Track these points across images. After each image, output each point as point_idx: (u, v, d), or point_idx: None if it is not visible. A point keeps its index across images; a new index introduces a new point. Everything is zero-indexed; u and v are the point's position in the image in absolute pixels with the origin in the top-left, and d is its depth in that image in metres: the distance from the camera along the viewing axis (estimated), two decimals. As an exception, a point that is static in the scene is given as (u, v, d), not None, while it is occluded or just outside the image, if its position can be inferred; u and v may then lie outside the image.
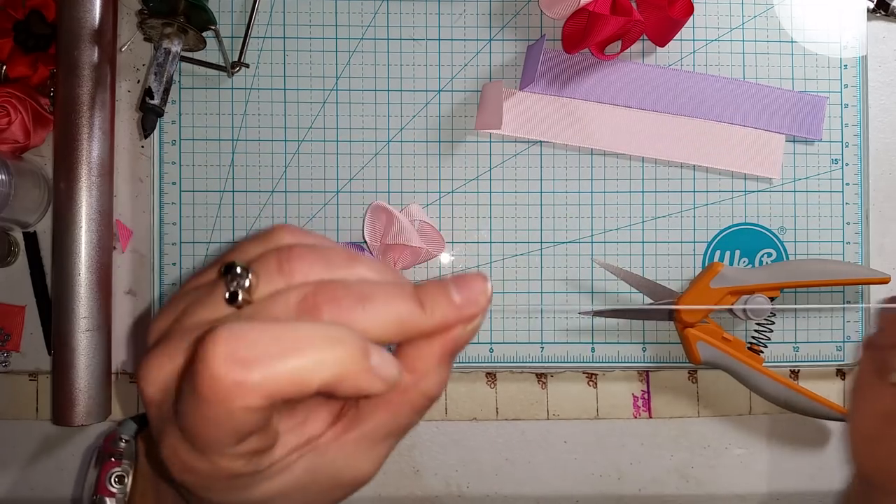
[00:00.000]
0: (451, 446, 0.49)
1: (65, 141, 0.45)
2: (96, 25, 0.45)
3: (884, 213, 0.50)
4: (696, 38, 0.49)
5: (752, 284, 0.45)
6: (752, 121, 0.48)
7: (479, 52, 0.48)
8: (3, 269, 0.48)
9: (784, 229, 0.49)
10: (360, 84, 0.48)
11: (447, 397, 0.49)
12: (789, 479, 0.50)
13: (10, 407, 0.49)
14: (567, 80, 0.48)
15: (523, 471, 0.49)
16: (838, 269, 0.46)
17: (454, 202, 0.48)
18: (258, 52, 0.48)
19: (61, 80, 0.45)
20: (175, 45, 0.44)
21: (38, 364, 0.49)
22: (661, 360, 0.48)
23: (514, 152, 0.48)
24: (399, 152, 0.48)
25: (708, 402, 0.49)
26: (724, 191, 0.49)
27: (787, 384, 0.46)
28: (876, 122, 0.50)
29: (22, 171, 0.45)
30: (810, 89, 0.49)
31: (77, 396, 0.45)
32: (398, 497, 0.49)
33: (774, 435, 0.49)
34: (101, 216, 0.46)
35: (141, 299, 0.49)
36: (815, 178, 0.49)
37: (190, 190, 0.48)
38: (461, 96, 0.48)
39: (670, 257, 0.49)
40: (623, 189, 0.49)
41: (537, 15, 0.49)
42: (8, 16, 0.46)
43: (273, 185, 0.48)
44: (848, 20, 0.49)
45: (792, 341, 0.49)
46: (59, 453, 0.49)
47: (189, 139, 0.48)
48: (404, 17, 0.48)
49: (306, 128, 0.48)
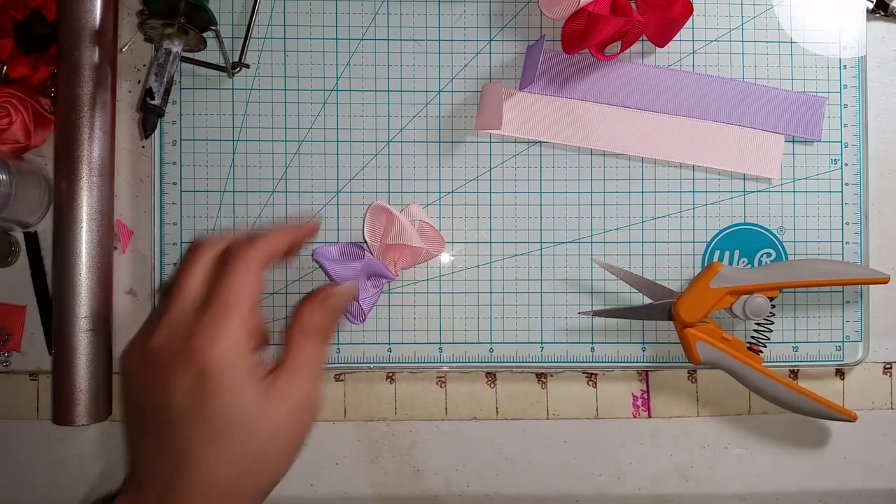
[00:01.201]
0: (451, 446, 0.49)
1: (65, 141, 0.45)
2: (97, 26, 0.45)
3: (883, 214, 0.50)
4: (695, 38, 0.49)
5: (752, 284, 0.45)
6: (751, 121, 0.48)
7: (479, 52, 0.49)
8: (4, 268, 0.48)
9: (783, 229, 0.49)
10: (361, 84, 0.48)
11: (447, 397, 0.49)
12: (789, 479, 0.50)
13: (10, 407, 0.49)
14: (567, 80, 0.48)
15: (523, 470, 0.49)
16: (838, 269, 0.46)
17: (454, 202, 0.48)
18: (258, 53, 0.48)
19: (62, 81, 0.45)
20: (176, 45, 0.44)
21: (39, 364, 0.49)
22: (661, 359, 0.48)
23: (514, 152, 0.48)
24: (399, 152, 0.48)
25: (707, 402, 0.49)
26: (723, 191, 0.49)
27: (787, 384, 0.46)
28: (875, 123, 0.50)
29: (23, 172, 0.45)
30: (810, 89, 0.49)
31: (78, 396, 0.45)
32: (398, 496, 0.49)
33: (774, 435, 0.49)
34: (101, 216, 0.46)
35: (142, 299, 0.49)
36: (815, 179, 0.49)
37: (190, 190, 0.48)
38: (461, 97, 0.49)
39: (670, 257, 0.49)
40: (623, 189, 0.49)
41: (537, 15, 0.49)
42: (8, 16, 0.46)
43: (273, 185, 0.48)
44: (847, 20, 0.49)
45: (791, 341, 0.49)
46: (60, 453, 0.49)
47: (190, 139, 0.48)
48: (404, 17, 0.48)
49: (307, 128, 0.48)
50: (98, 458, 0.49)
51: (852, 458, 0.50)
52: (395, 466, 0.49)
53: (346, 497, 0.49)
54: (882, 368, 0.50)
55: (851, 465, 0.50)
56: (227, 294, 0.35)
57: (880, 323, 0.49)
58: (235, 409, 0.33)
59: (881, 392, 0.50)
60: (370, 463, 0.49)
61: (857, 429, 0.49)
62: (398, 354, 0.48)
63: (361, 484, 0.49)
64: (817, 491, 0.50)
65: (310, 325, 0.38)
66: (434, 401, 0.49)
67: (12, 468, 0.49)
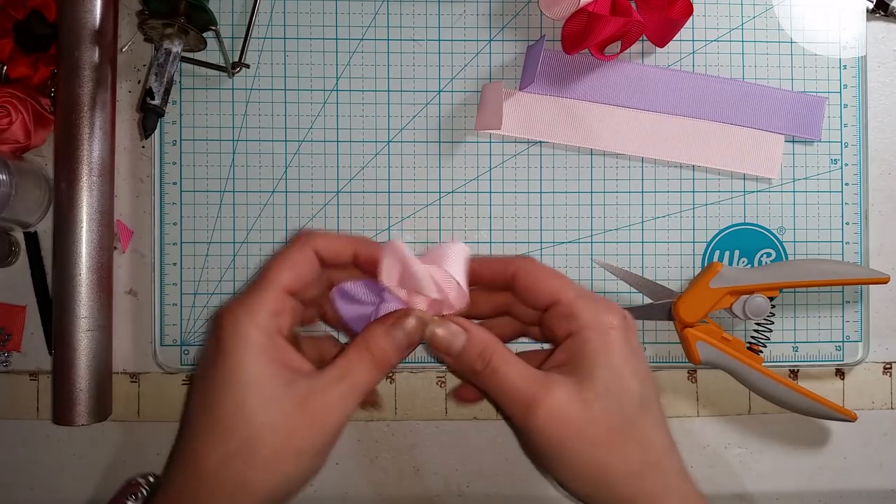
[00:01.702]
0: (451, 446, 0.49)
1: (66, 141, 0.45)
2: (97, 26, 0.45)
3: (883, 213, 0.50)
4: (695, 38, 0.49)
5: (752, 284, 0.45)
6: (751, 121, 0.48)
7: (479, 52, 0.49)
8: (4, 268, 0.48)
9: (783, 229, 0.49)
10: (361, 84, 0.48)
11: (447, 396, 0.49)
12: (789, 479, 0.50)
13: (10, 407, 0.49)
14: (567, 80, 0.48)
15: (523, 470, 0.49)
16: (838, 269, 0.46)
17: (454, 202, 0.48)
18: (258, 53, 0.48)
19: (62, 81, 0.45)
20: (175, 45, 0.44)
21: (39, 364, 0.49)
22: (661, 359, 0.48)
23: (514, 152, 0.49)
24: (399, 152, 0.48)
25: (707, 402, 0.49)
26: (723, 191, 0.49)
27: (787, 384, 0.46)
28: (875, 123, 0.50)
29: (23, 172, 0.45)
30: (810, 90, 0.49)
31: (78, 396, 0.45)
32: (398, 496, 0.49)
33: (774, 435, 0.49)
34: (101, 216, 0.46)
35: (142, 299, 0.49)
36: (815, 179, 0.49)
37: (190, 190, 0.48)
38: (461, 97, 0.49)
39: (670, 257, 0.49)
40: (623, 189, 0.49)
41: (537, 16, 0.49)
42: (8, 16, 0.46)
43: (273, 185, 0.48)
44: (847, 20, 0.49)
45: (791, 341, 0.49)
46: (60, 453, 0.49)
47: (190, 139, 0.48)
48: (404, 17, 0.48)
49: (307, 128, 0.48)
50: (98, 458, 0.49)
51: (852, 458, 0.50)
52: (395, 466, 0.49)
53: (346, 497, 0.49)
54: (882, 368, 0.50)
55: (851, 465, 0.50)
56: (264, 270, 0.34)
57: (880, 323, 0.49)
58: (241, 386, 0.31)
59: (881, 392, 0.50)
60: (370, 463, 0.49)
61: (857, 429, 0.49)
62: (398, 354, 0.48)
63: (361, 484, 0.49)
64: (817, 491, 0.50)
65: (376, 345, 0.34)
66: (434, 401, 0.49)
67: (12, 468, 0.49)
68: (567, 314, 0.35)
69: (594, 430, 0.33)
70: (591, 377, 0.33)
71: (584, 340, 0.34)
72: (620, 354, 0.34)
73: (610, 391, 0.33)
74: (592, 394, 0.33)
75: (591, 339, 0.34)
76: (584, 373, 0.33)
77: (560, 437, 0.33)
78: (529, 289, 0.36)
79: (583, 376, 0.33)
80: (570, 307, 0.35)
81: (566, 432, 0.32)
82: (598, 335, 0.34)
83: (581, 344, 0.34)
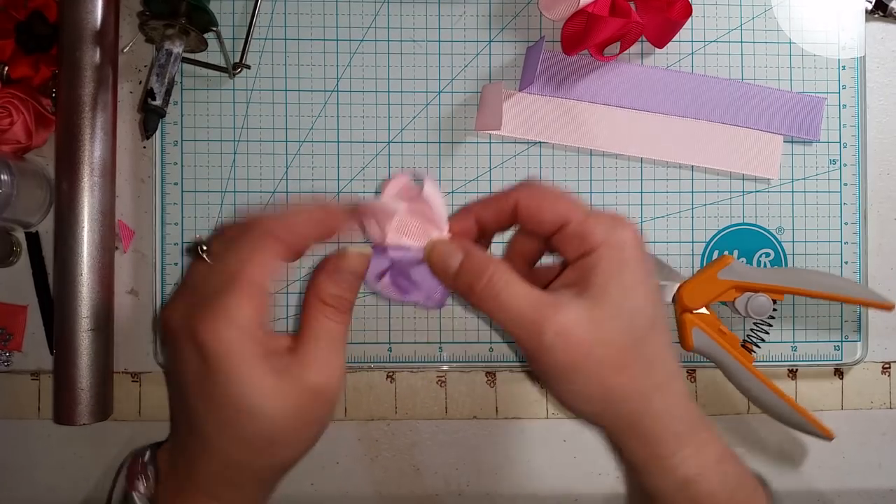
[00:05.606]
0: (451, 445, 0.49)
1: (67, 141, 0.45)
2: (98, 26, 0.45)
3: (882, 214, 0.50)
4: (694, 39, 0.49)
5: (759, 283, 0.45)
6: (750, 121, 0.49)
7: (479, 53, 0.49)
8: (6, 268, 0.49)
9: (782, 229, 0.49)
10: (361, 85, 0.49)
11: (447, 396, 0.49)
12: (789, 479, 0.50)
13: (11, 406, 0.49)
14: (566, 81, 0.48)
15: (523, 469, 0.49)
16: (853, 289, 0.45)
17: (454, 202, 0.49)
18: (259, 54, 0.48)
19: (63, 81, 0.45)
20: (177, 46, 0.44)
21: (40, 364, 0.49)
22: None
23: (514, 153, 0.49)
24: (399, 153, 0.49)
25: (706, 402, 0.50)
26: (722, 191, 0.49)
27: (773, 388, 0.45)
28: (874, 123, 0.50)
29: (24, 172, 0.46)
30: (808, 90, 0.49)
31: (79, 396, 0.45)
32: (398, 496, 0.49)
33: (774, 435, 0.50)
34: (102, 216, 0.46)
35: (143, 299, 0.49)
36: (814, 179, 0.49)
37: (191, 190, 0.48)
38: (461, 97, 0.49)
39: (669, 257, 0.49)
40: (622, 189, 0.49)
41: (537, 16, 0.49)
42: (9, 16, 0.47)
43: (274, 185, 0.48)
44: (846, 21, 0.49)
45: (790, 340, 0.49)
46: (61, 453, 0.49)
47: (191, 140, 0.48)
48: (404, 18, 0.49)
49: (307, 129, 0.48)
50: (99, 458, 0.49)
51: (852, 458, 0.50)
52: (395, 465, 0.49)
53: (346, 496, 0.49)
54: (881, 368, 0.50)
55: (851, 465, 0.50)
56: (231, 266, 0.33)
57: (879, 322, 0.49)
58: (242, 397, 0.32)
59: (880, 391, 0.50)
60: (371, 462, 0.49)
61: (856, 428, 0.49)
62: (398, 354, 0.48)
63: (362, 483, 0.49)
64: (816, 490, 0.50)
65: (326, 294, 0.34)
66: (434, 400, 0.49)
67: (13, 468, 0.49)
68: (579, 233, 0.33)
69: (604, 350, 0.32)
70: (602, 296, 0.32)
71: (599, 258, 0.33)
72: (634, 273, 0.33)
73: (622, 311, 0.32)
74: (605, 313, 0.32)
75: (605, 256, 0.33)
76: (595, 292, 0.32)
77: (569, 360, 0.31)
78: (534, 217, 0.35)
79: (594, 295, 0.32)
80: (582, 226, 0.33)
81: (576, 354, 0.31)
82: (614, 252, 0.33)
83: (595, 262, 0.33)
